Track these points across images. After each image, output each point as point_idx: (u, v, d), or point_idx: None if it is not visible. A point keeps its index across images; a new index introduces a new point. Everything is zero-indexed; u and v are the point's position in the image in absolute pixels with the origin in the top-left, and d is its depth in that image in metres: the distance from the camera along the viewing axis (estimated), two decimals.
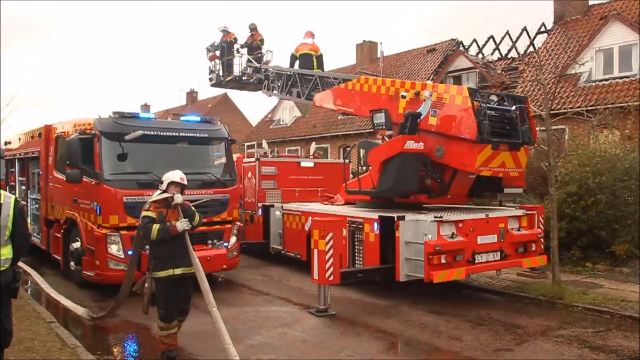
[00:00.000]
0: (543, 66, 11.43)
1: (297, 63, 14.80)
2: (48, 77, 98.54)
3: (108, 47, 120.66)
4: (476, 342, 7.23)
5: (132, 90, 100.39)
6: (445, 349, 7.03)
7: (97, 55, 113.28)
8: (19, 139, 14.46)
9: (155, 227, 6.05)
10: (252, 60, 16.59)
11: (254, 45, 16.88)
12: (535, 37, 23.68)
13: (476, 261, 9.00)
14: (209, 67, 17.94)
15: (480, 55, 25.85)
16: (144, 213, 6.28)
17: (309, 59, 14.55)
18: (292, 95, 14.57)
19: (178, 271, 6.20)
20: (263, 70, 16.11)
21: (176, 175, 6.45)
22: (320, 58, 14.78)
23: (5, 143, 15.97)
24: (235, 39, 17.26)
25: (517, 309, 9.00)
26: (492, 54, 25.65)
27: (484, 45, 26.12)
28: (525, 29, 24.39)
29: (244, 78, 17.09)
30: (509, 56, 24.72)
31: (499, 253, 9.33)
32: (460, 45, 26.77)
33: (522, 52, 23.26)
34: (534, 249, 9.82)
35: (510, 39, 24.64)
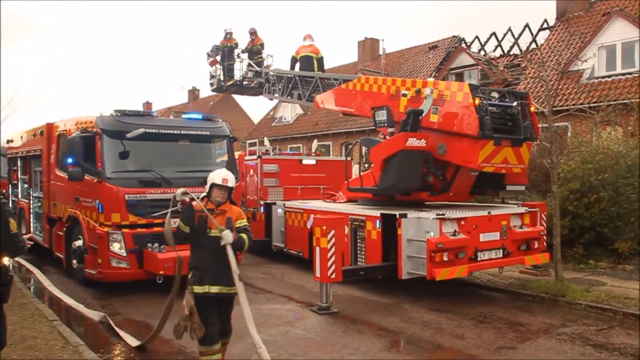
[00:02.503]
0: (545, 63, 11.37)
1: (297, 66, 14.81)
2: (50, 76, 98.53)
3: (109, 45, 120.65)
4: (479, 340, 7.21)
5: (133, 88, 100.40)
6: (447, 347, 7.01)
7: (99, 53, 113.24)
8: (21, 137, 14.46)
9: (179, 221, 5.48)
10: (253, 65, 16.61)
11: (255, 50, 16.93)
12: (537, 33, 23.66)
13: (478, 259, 8.99)
14: (210, 72, 17.98)
15: (482, 52, 25.80)
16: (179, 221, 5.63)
17: (309, 61, 14.58)
18: (293, 98, 14.56)
19: (214, 289, 5.36)
20: (264, 74, 16.10)
21: (218, 175, 5.48)
22: (320, 60, 14.81)
23: (8, 141, 15.98)
24: (236, 44, 17.31)
25: (520, 307, 8.98)
26: (494, 50, 25.64)
27: (486, 42, 26.10)
28: (527, 25, 24.37)
29: (244, 83, 17.11)
30: (511, 53, 24.68)
31: (501, 250, 9.31)
32: (462, 42, 26.75)
33: (524, 49, 23.22)
34: (536, 246, 9.81)
35: (513, 35, 24.62)
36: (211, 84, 18.17)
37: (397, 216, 8.86)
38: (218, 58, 17.34)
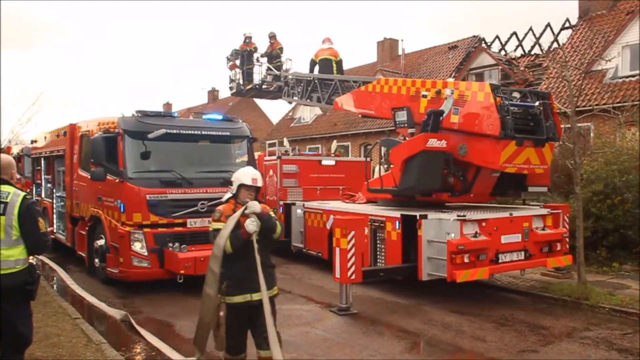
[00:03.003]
0: (568, 62, 11.22)
1: (316, 68, 14.83)
2: (72, 77, 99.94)
3: (131, 47, 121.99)
4: (500, 342, 7.14)
5: (154, 89, 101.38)
6: (468, 350, 6.95)
7: (120, 55, 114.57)
8: (45, 137, 14.68)
9: (224, 235, 4.88)
10: (272, 69, 16.66)
11: (274, 54, 16.99)
12: (559, 33, 23.35)
13: (500, 261, 8.89)
14: (230, 76, 18.09)
15: (502, 52, 25.57)
16: (213, 225, 5.10)
17: (328, 64, 14.60)
18: (313, 101, 14.55)
19: (257, 296, 4.96)
20: (283, 77, 16.14)
21: (247, 175, 5.12)
22: (339, 63, 14.83)
23: (32, 141, 16.25)
24: (255, 48, 17.39)
25: (542, 310, 8.87)
26: (515, 50, 25.40)
27: (506, 42, 25.85)
28: (549, 24, 24.06)
29: (263, 86, 17.17)
30: (532, 53, 24.41)
31: (523, 252, 9.21)
32: (483, 42, 26.49)
33: (545, 48, 22.94)
34: (559, 248, 9.67)
35: (534, 35, 24.31)
36: (230, 88, 18.29)
37: (418, 217, 8.81)
38: (237, 62, 17.45)
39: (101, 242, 10.28)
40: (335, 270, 8.48)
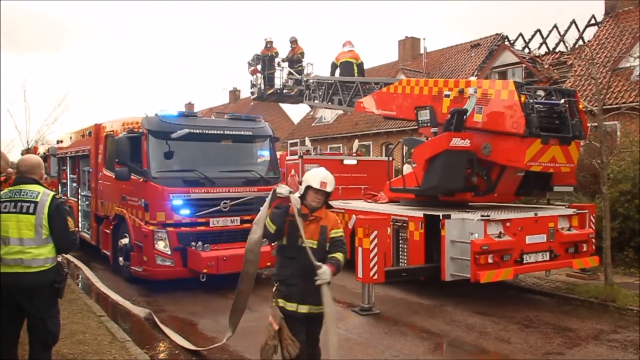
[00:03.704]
0: (594, 59, 11.02)
1: (337, 72, 14.82)
2: (97, 78, 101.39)
3: (153, 48, 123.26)
4: (525, 344, 7.04)
5: (176, 89, 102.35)
6: (492, 351, 6.86)
7: (143, 55, 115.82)
8: (70, 137, 14.89)
9: (267, 218, 4.73)
10: (294, 73, 16.70)
11: (295, 59, 17.03)
12: (584, 30, 23.00)
13: (524, 261, 8.77)
14: (251, 81, 18.19)
15: (526, 50, 25.23)
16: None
17: (349, 66, 14.57)
18: (334, 104, 14.52)
19: (303, 308, 4.61)
20: (304, 81, 16.16)
21: (316, 178, 4.67)
22: (360, 66, 14.79)
23: (57, 141, 16.51)
24: (277, 53, 17.44)
25: (567, 311, 8.73)
26: (538, 48, 25.03)
27: (530, 40, 25.51)
28: (574, 21, 23.67)
29: (285, 91, 17.21)
30: (557, 50, 24.05)
31: (548, 253, 9.07)
32: (506, 40, 26.18)
33: (570, 46, 22.58)
34: (585, 249, 9.51)
35: (558, 32, 23.96)
36: (252, 93, 18.39)
37: (441, 217, 8.73)
38: (259, 67, 17.52)
39: (125, 240, 10.40)
40: (358, 270, 8.45)
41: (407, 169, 11.36)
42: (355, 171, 14.30)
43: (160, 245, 9.50)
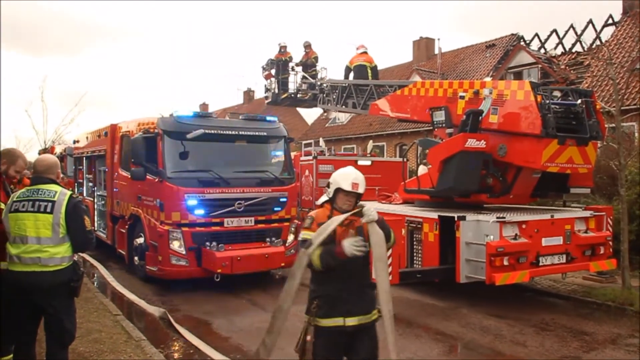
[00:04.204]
0: (612, 59, 10.88)
1: (351, 75, 14.82)
2: (113, 79, 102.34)
3: (167, 49, 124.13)
4: (541, 348, 6.97)
5: (190, 90, 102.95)
6: (508, 354, 6.80)
7: (158, 56, 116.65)
8: (87, 137, 15.05)
9: (316, 252, 4.06)
10: (308, 77, 16.73)
11: (309, 63, 17.07)
12: (602, 29, 22.75)
13: (540, 264, 8.68)
14: (265, 85, 18.27)
15: (542, 50, 25.01)
16: (302, 234, 4.28)
17: (363, 70, 14.56)
18: (348, 107, 14.50)
19: (351, 321, 4.14)
20: (318, 84, 16.18)
21: (346, 178, 4.24)
22: (374, 69, 14.78)
23: (74, 142, 16.69)
24: (290, 58, 17.50)
25: (584, 315, 8.63)
26: (555, 48, 24.81)
27: (546, 40, 25.30)
28: (590, 21, 23.43)
29: (298, 95, 17.26)
30: (573, 50, 23.82)
31: (564, 256, 8.96)
32: (521, 40, 25.97)
33: (587, 46, 22.35)
34: (602, 252, 9.37)
35: (575, 32, 23.74)
36: (266, 97, 18.45)
37: (456, 218, 8.68)
38: (273, 72, 17.59)
39: (140, 240, 10.47)
40: (372, 271, 8.41)
41: (422, 170, 11.31)
42: (370, 172, 14.18)
43: (175, 245, 9.55)
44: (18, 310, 4.52)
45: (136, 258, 10.72)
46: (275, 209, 10.47)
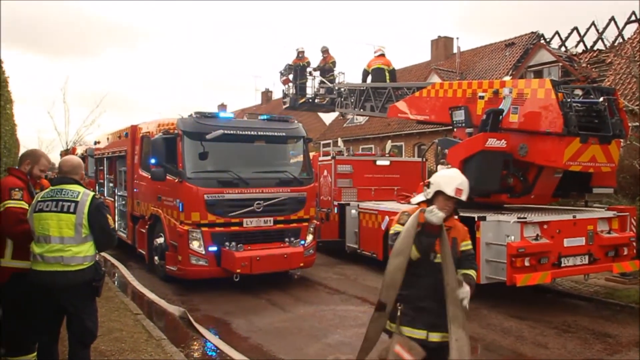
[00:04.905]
0: (635, 57, 10.71)
1: (369, 78, 14.79)
2: (132, 80, 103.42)
3: (185, 50, 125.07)
4: (563, 350, 6.88)
5: (209, 90, 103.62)
6: (530, 356, 6.71)
7: (177, 58, 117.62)
8: (107, 138, 15.21)
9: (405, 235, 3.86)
10: (325, 81, 16.75)
11: (327, 68, 17.08)
12: (624, 27, 22.33)
13: (562, 265, 8.57)
14: (283, 90, 18.35)
15: (563, 49, 24.68)
16: (394, 227, 4.06)
17: (381, 73, 14.55)
18: (366, 110, 14.47)
19: (434, 337, 3.87)
20: (336, 88, 16.18)
21: (450, 183, 3.95)
22: (392, 72, 14.77)
23: (95, 142, 16.89)
24: (308, 63, 17.54)
25: (607, 317, 8.49)
26: (576, 46, 24.43)
27: (567, 38, 24.93)
28: (612, 18, 23.03)
29: (316, 100, 17.30)
30: (595, 48, 23.46)
31: (587, 257, 8.84)
32: (541, 39, 25.66)
33: (609, 43, 21.99)
34: (625, 253, 9.23)
35: (597, 30, 23.33)
36: (284, 102, 18.50)
37: (476, 219, 8.60)
38: (290, 77, 17.63)
39: (160, 240, 10.55)
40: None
41: (441, 170, 11.23)
42: (388, 172, 14.24)
43: (195, 245, 9.61)
44: (41, 310, 4.58)
45: (156, 258, 10.80)
46: (294, 209, 10.48)
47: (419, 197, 4.20)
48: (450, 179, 3.99)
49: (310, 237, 10.67)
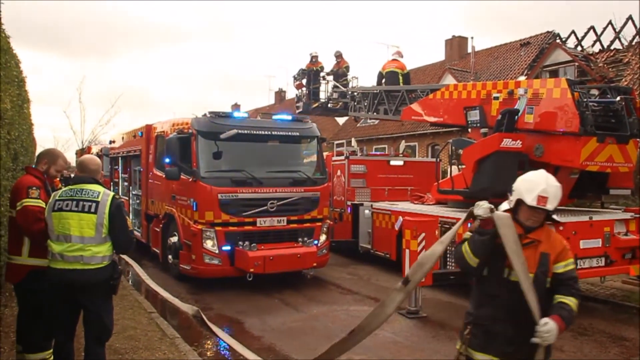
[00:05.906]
0: None
1: (383, 82, 14.76)
2: (147, 79, 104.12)
3: (199, 49, 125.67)
4: (579, 353, 6.80)
5: (223, 90, 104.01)
6: None
7: (191, 58, 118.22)
8: (122, 138, 15.32)
9: (465, 245, 3.52)
10: (339, 85, 16.74)
11: (340, 73, 17.08)
12: None
13: (578, 267, 8.46)
14: (296, 95, 18.38)
15: (579, 48, 24.42)
16: (467, 234, 3.64)
17: (395, 76, 14.54)
18: (380, 113, 14.44)
19: None
20: (349, 92, 16.16)
21: (532, 190, 3.33)
22: (406, 76, 14.75)
23: (110, 142, 17.02)
24: (322, 67, 17.55)
25: (623, 320, 8.39)
26: (592, 45, 24.17)
27: (583, 37, 24.66)
28: (630, 17, 22.75)
29: (329, 105, 17.29)
30: (611, 48, 23.19)
31: (603, 259, 8.74)
32: (557, 38, 25.42)
33: (627, 42, 21.72)
34: None
35: (614, 29, 23.07)
36: (297, 107, 18.51)
37: None
38: (304, 81, 17.64)
39: (174, 239, 10.60)
40: (405, 272, 8.35)
41: (451, 171, 11.18)
42: (402, 172, 14.18)
43: (209, 244, 9.64)
44: (58, 307, 4.62)
45: (170, 256, 10.86)
46: (308, 209, 10.48)
47: (504, 205, 3.62)
48: (532, 184, 3.35)
49: (323, 237, 10.67)
